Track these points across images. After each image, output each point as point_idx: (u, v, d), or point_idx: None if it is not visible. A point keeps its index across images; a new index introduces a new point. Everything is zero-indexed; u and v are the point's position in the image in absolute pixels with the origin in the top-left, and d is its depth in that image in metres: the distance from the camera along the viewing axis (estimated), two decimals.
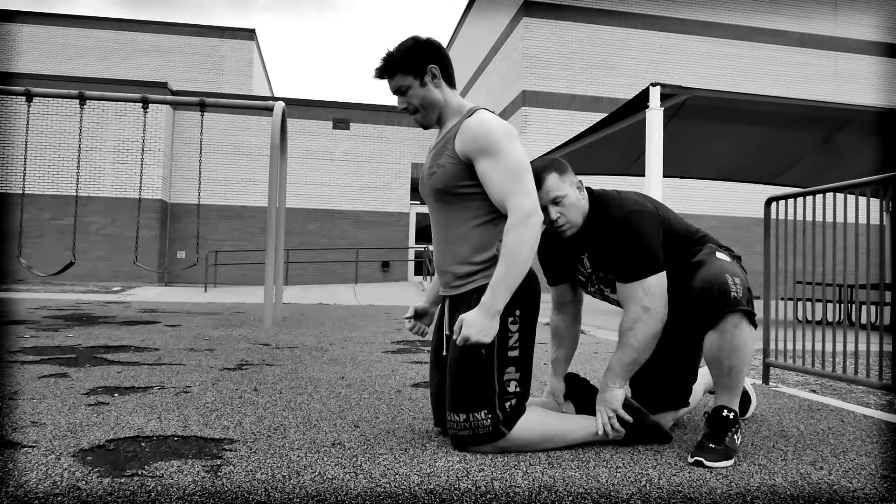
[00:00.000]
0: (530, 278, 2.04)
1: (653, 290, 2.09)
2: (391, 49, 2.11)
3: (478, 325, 1.89)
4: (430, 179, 2.10)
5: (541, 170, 2.19)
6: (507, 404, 2.00)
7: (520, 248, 1.90)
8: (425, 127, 2.20)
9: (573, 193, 2.20)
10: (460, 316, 1.94)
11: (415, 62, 2.08)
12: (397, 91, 2.11)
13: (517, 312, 2.01)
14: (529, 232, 1.91)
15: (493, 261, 2.02)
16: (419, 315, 2.37)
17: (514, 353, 2.01)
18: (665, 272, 2.13)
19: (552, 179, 2.17)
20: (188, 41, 21.55)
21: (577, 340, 2.50)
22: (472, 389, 1.98)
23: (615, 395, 2.12)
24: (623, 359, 2.11)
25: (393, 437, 2.19)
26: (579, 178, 2.30)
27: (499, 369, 1.99)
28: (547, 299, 2.83)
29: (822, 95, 17.11)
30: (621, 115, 6.94)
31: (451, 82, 2.16)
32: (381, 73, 2.10)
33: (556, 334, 2.48)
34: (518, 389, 2.02)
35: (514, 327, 2.01)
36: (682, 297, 2.11)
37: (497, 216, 2.04)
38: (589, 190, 2.29)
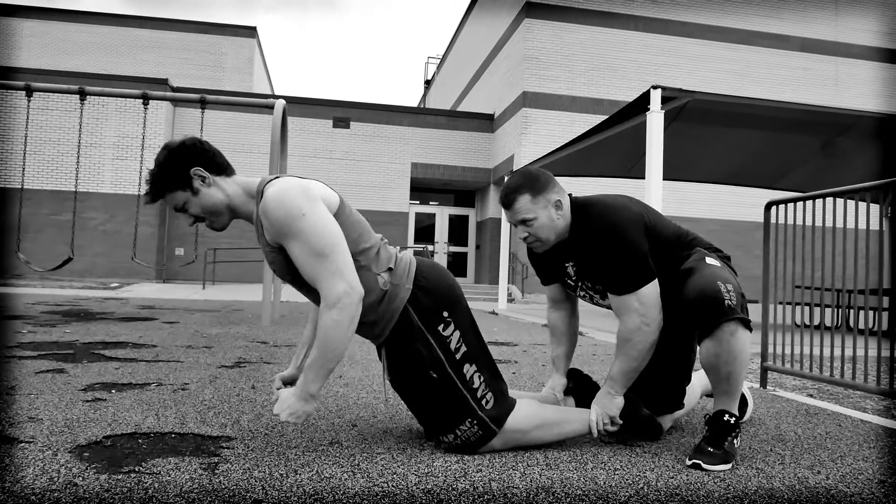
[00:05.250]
0: (433, 276, 2.01)
1: (647, 300, 2.08)
2: (151, 168, 1.94)
3: (288, 404, 1.82)
4: (281, 275, 1.99)
5: (514, 190, 2.15)
6: (485, 400, 1.99)
7: (332, 332, 1.78)
8: (220, 230, 2.02)
9: (545, 215, 2.15)
10: (278, 391, 1.88)
11: (176, 174, 1.90)
12: (176, 209, 1.96)
13: (445, 314, 1.98)
14: (341, 316, 1.78)
15: (385, 293, 1.96)
16: (287, 384, 2.21)
17: (463, 350, 1.98)
18: (657, 279, 2.12)
19: (522, 202, 2.14)
20: (189, 38, 21.52)
21: (575, 336, 2.50)
22: (447, 411, 1.97)
23: (616, 402, 2.14)
24: (624, 368, 2.11)
25: (391, 436, 2.19)
26: (562, 192, 2.20)
27: (458, 377, 1.96)
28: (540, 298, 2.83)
29: (823, 100, 17.10)
30: (622, 117, 6.93)
31: (224, 172, 1.96)
32: (151, 198, 1.93)
33: (554, 332, 2.48)
34: (483, 378, 2.00)
35: (449, 330, 1.97)
36: (673, 304, 2.11)
37: (357, 258, 1.93)
38: (571, 198, 2.25)
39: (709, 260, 2.13)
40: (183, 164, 1.91)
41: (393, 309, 1.97)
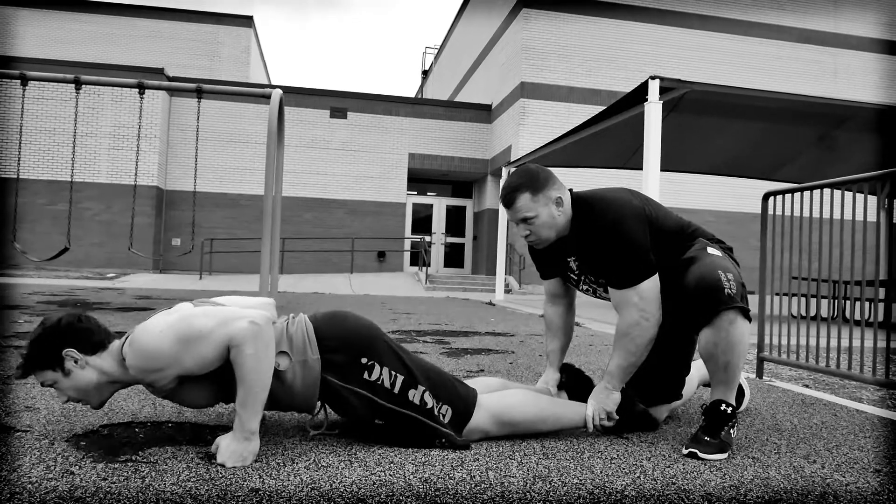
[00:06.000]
0: (336, 331, 1.94)
1: (647, 295, 2.08)
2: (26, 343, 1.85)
3: (231, 450, 1.72)
4: (209, 402, 1.95)
5: (514, 189, 2.14)
6: (442, 416, 1.96)
7: (253, 365, 1.73)
8: (98, 408, 1.93)
9: (545, 212, 2.14)
10: (217, 440, 1.78)
11: (47, 355, 1.80)
12: (43, 385, 1.84)
13: (364, 360, 1.91)
14: (255, 348, 1.73)
15: (292, 376, 1.89)
16: None
17: (399, 381, 1.92)
18: (657, 274, 2.11)
19: (523, 201, 2.13)
20: (185, 27, 21.40)
21: (571, 331, 2.50)
22: (415, 439, 1.94)
23: (613, 398, 2.14)
24: (622, 364, 2.12)
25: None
26: (563, 188, 2.19)
27: (408, 408, 1.92)
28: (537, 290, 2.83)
29: (821, 92, 17.07)
30: (620, 108, 6.92)
31: (100, 348, 1.86)
32: (22, 373, 1.83)
33: (550, 326, 2.48)
34: (433, 393, 1.96)
35: (375, 372, 1.91)
36: (675, 294, 2.10)
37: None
38: (572, 193, 2.24)
39: (710, 250, 2.13)
40: (56, 345, 1.81)
41: (310, 385, 1.90)
